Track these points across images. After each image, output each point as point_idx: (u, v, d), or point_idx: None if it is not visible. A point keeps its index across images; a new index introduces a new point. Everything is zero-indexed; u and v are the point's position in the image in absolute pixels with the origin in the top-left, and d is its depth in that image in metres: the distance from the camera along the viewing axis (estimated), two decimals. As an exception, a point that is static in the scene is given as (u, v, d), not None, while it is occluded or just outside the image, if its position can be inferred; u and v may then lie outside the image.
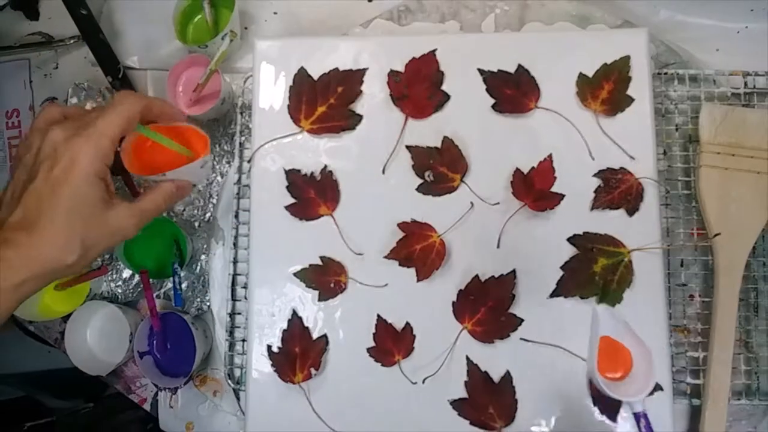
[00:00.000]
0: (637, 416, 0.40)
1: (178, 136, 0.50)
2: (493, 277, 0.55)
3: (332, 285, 0.56)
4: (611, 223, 0.54)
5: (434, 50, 0.58)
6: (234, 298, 0.62)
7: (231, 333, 0.61)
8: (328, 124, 0.58)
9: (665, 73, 0.60)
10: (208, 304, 0.64)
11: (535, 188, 0.55)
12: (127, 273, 0.66)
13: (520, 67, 0.57)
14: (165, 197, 0.45)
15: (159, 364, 0.62)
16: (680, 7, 0.63)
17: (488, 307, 0.54)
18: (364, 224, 0.57)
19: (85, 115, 0.41)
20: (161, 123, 0.48)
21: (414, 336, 0.55)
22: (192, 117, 0.65)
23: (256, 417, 0.56)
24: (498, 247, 0.55)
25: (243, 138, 0.64)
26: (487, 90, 0.57)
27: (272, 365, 0.56)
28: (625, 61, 0.56)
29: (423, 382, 0.54)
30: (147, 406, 0.66)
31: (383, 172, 0.57)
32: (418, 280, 0.55)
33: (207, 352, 0.63)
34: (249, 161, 0.61)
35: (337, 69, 0.59)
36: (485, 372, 0.54)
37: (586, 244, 0.54)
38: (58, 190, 0.37)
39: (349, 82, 0.58)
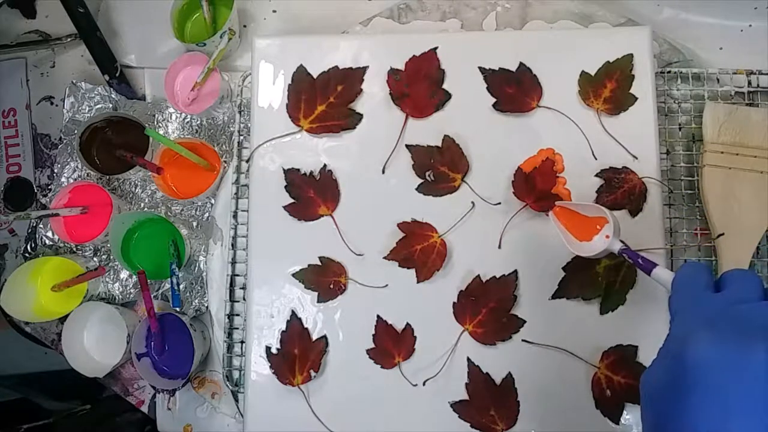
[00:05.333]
0: (621, 253, 0.45)
1: (194, 150, 0.61)
2: (494, 277, 0.54)
3: (332, 286, 0.56)
4: (614, 223, 0.54)
5: (435, 48, 0.57)
6: (232, 299, 0.61)
7: (229, 334, 0.61)
8: (328, 123, 0.58)
9: (668, 72, 0.60)
10: (206, 305, 0.63)
11: (536, 188, 0.54)
12: (124, 274, 0.65)
13: (521, 65, 0.56)
14: None
15: (157, 366, 0.62)
16: (683, 6, 0.63)
17: (489, 308, 0.54)
18: (364, 224, 0.56)
19: None
20: None
21: (414, 337, 0.54)
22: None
23: (255, 419, 0.55)
24: (499, 247, 0.55)
25: (241, 137, 0.64)
26: (488, 89, 0.56)
27: (271, 367, 0.55)
28: (628, 59, 0.55)
29: (423, 384, 0.54)
30: (145, 408, 0.65)
31: (383, 171, 0.57)
32: (419, 281, 0.55)
33: (205, 353, 0.63)
34: (247, 161, 0.60)
35: (336, 67, 0.58)
36: (486, 374, 0.53)
37: (589, 245, 0.54)
38: None
39: (348, 80, 0.58)
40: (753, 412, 0.28)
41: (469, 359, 0.54)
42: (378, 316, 0.55)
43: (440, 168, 0.56)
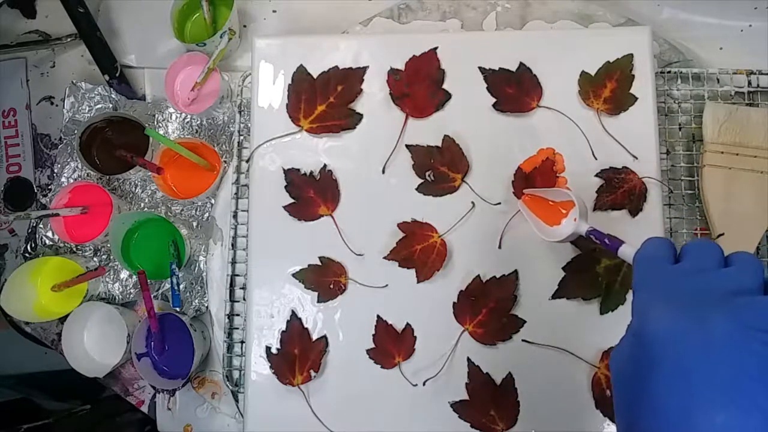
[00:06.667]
0: (589, 235, 0.45)
1: (194, 150, 0.61)
2: (494, 277, 0.54)
3: (331, 286, 0.56)
4: (614, 223, 0.54)
5: (435, 48, 0.57)
6: (232, 299, 0.61)
7: (229, 334, 0.61)
8: (328, 123, 0.58)
9: (668, 72, 0.60)
10: (206, 305, 0.63)
11: (536, 188, 0.54)
12: (124, 274, 0.65)
13: (521, 65, 0.56)
14: None
15: (157, 366, 0.62)
16: (683, 6, 0.63)
17: (490, 308, 0.54)
18: (364, 224, 0.56)
19: None
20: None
21: (414, 337, 0.54)
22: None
23: (255, 419, 0.55)
24: (500, 247, 0.55)
25: (241, 137, 0.64)
26: (488, 89, 0.56)
27: (271, 367, 0.55)
28: (628, 59, 0.55)
29: (423, 384, 0.54)
30: (145, 408, 0.65)
31: (383, 171, 0.57)
32: (419, 281, 0.55)
33: (205, 353, 0.63)
34: (247, 161, 0.60)
35: (336, 67, 0.58)
36: (487, 374, 0.53)
37: (589, 245, 0.54)
38: None
39: (349, 80, 0.58)
40: (716, 386, 0.27)
41: (469, 359, 0.54)
42: (378, 316, 0.55)
43: (440, 168, 0.56)
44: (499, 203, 0.55)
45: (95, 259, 0.66)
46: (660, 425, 0.28)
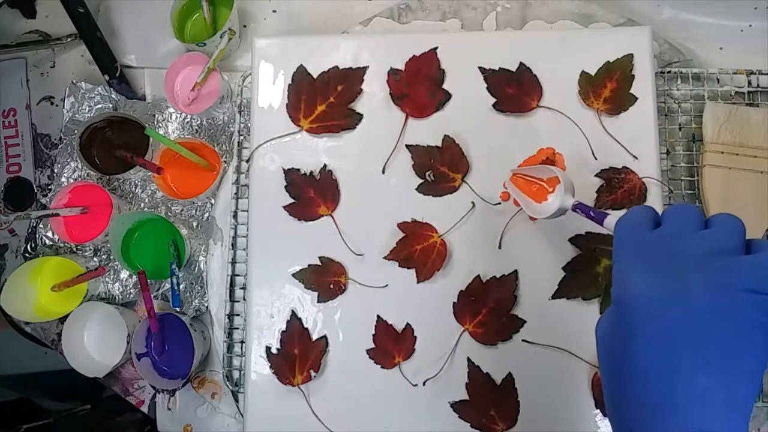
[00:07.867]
0: (575, 209, 0.45)
1: (194, 150, 0.61)
2: (494, 277, 0.54)
3: (332, 286, 0.56)
4: (614, 223, 0.54)
5: (435, 48, 0.57)
6: (232, 299, 0.61)
7: (229, 334, 0.61)
8: (328, 123, 0.58)
9: (668, 72, 0.60)
10: (206, 305, 0.63)
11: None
12: (124, 274, 0.65)
13: (521, 65, 0.56)
14: None
15: (157, 366, 0.62)
16: (684, 6, 0.63)
17: (490, 308, 0.54)
18: (364, 224, 0.56)
19: None
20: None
21: (414, 337, 0.54)
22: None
23: (255, 419, 0.55)
24: (499, 247, 0.55)
25: (241, 137, 0.64)
26: (488, 89, 0.56)
27: (271, 367, 0.55)
28: (628, 59, 0.55)
29: (423, 384, 0.54)
30: (145, 408, 0.65)
31: (383, 171, 0.57)
32: (419, 281, 0.55)
33: (205, 353, 0.63)
34: (247, 161, 0.60)
35: (336, 67, 0.58)
36: (487, 374, 0.53)
37: (589, 245, 0.54)
38: None
39: (349, 80, 0.58)
40: (695, 348, 0.27)
41: (469, 359, 0.54)
42: (378, 316, 0.55)
43: (440, 168, 0.56)
44: (499, 203, 0.55)
45: (95, 259, 0.66)
46: (642, 391, 0.28)
